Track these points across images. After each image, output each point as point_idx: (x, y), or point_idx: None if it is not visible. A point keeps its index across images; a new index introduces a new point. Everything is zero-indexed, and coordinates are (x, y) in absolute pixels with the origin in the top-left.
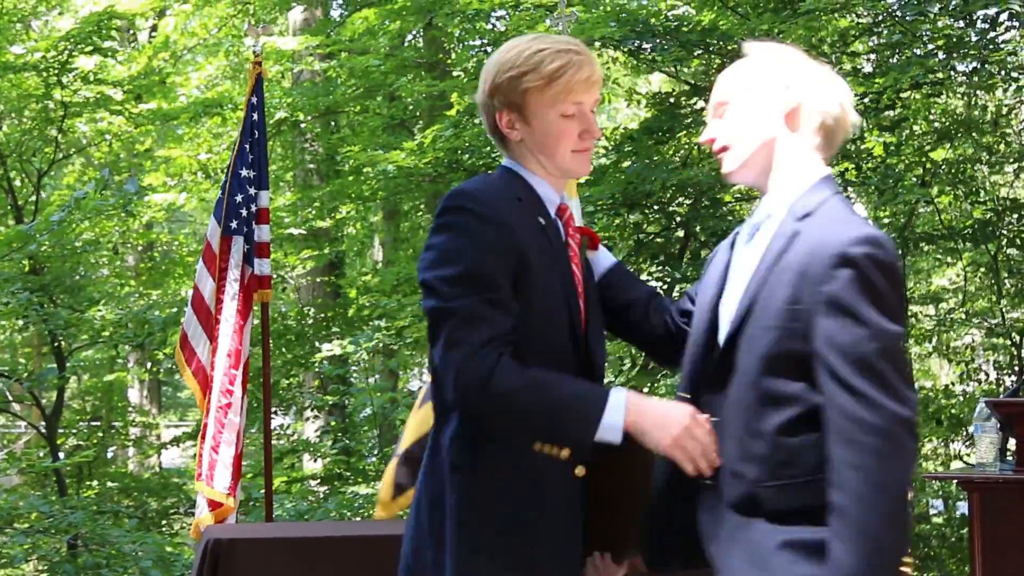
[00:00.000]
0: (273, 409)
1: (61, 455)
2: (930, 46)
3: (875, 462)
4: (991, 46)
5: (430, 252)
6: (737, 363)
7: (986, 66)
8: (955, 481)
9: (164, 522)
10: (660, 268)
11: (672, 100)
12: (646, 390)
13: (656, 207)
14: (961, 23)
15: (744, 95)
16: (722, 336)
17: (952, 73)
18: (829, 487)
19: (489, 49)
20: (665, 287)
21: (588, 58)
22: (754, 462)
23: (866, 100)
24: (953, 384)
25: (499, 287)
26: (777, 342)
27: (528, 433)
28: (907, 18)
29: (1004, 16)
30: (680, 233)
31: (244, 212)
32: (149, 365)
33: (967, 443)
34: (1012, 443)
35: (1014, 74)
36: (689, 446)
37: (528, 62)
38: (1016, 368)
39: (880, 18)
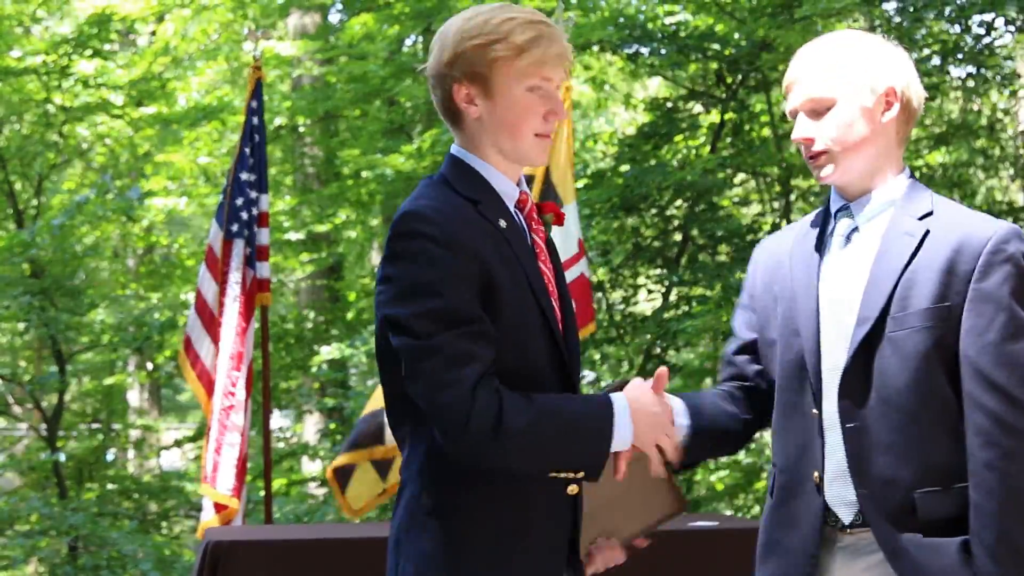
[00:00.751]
0: (273, 411)
1: (62, 457)
2: (926, 51)
3: (1016, 465)
4: (986, 51)
5: (391, 285)
6: (877, 368)
7: (981, 71)
8: None
9: (164, 524)
10: (658, 272)
11: (670, 105)
12: None
13: (654, 211)
14: (957, 28)
15: (850, 96)
16: (849, 342)
17: (948, 77)
18: (970, 483)
19: None
20: (664, 291)
21: (558, 33)
22: (911, 467)
23: None
24: None
25: (479, 317)
26: (929, 344)
27: (546, 466)
28: (904, 24)
29: (1000, 22)
30: (678, 236)
31: (245, 215)
32: (150, 368)
33: None
34: None
35: (1008, 79)
36: (667, 443)
37: (498, 30)
38: None
39: (877, 24)
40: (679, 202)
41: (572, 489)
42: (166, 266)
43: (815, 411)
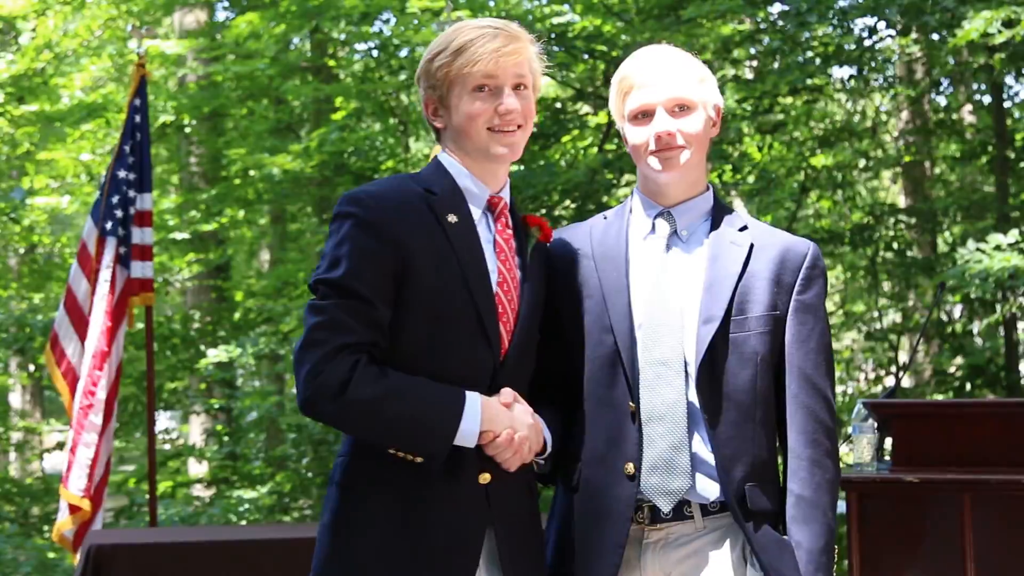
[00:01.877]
0: (157, 412)
1: None
2: (809, 53)
3: (831, 461)
4: (868, 54)
5: (322, 258)
6: (720, 366)
7: (863, 73)
8: None
9: (46, 528)
10: None
11: (558, 105)
12: None
13: (542, 211)
14: (839, 31)
15: (705, 104)
16: (697, 341)
17: (830, 79)
18: (792, 478)
19: (375, 53)
20: None
21: (508, 34)
22: (744, 461)
23: (746, 105)
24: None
25: (370, 300)
26: (764, 348)
27: (383, 442)
28: (788, 28)
29: (882, 25)
30: None
31: (120, 214)
32: (32, 369)
33: (846, 442)
34: (889, 443)
35: (890, 81)
36: (524, 451)
37: (443, 42)
38: (893, 369)
39: (762, 26)
40: (567, 202)
41: (484, 478)
42: (48, 266)
43: (631, 404)
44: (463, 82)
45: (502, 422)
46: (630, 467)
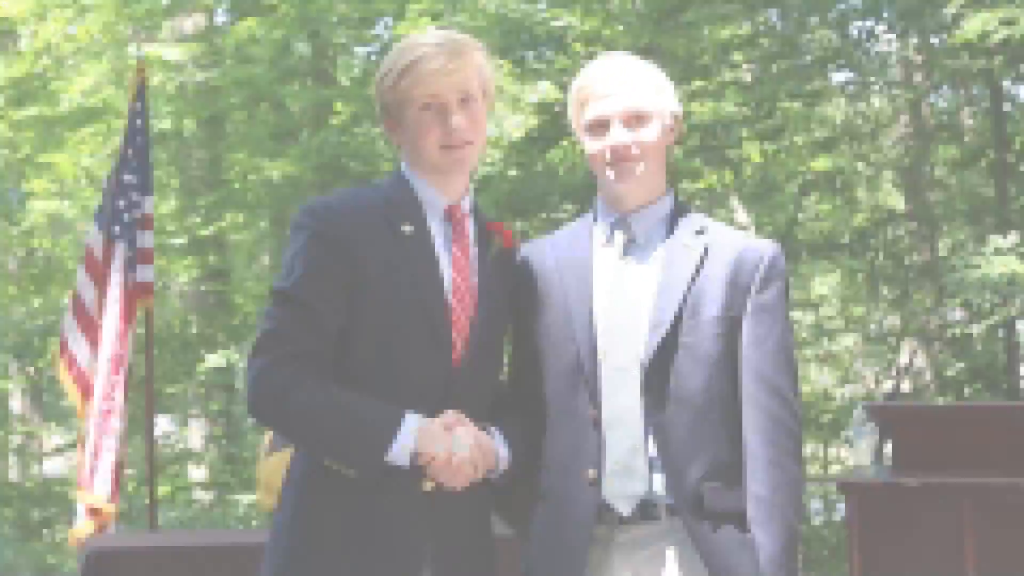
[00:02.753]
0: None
1: None
2: (808, 57)
3: (791, 461)
4: (866, 57)
5: (282, 268)
6: (672, 369)
7: (861, 76)
8: (834, 484)
9: (46, 532)
10: None
11: (557, 108)
12: None
13: (543, 214)
14: (836, 34)
15: (661, 113)
16: (644, 344)
17: (829, 84)
18: (750, 479)
19: (375, 57)
20: None
21: (451, 50)
22: (700, 462)
23: (745, 109)
24: (833, 387)
25: (316, 309)
26: (719, 349)
27: (316, 452)
28: (788, 31)
29: (880, 28)
30: None
31: (127, 217)
32: (32, 372)
33: (845, 445)
34: (889, 447)
35: (893, 89)
36: (466, 471)
37: (391, 62)
38: (893, 373)
39: (761, 30)
40: (567, 205)
41: (426, 485)
42: (48, 269)
43: (592, 410)
44: (410, 102)
45: (440, 444)
46: (591, 473)
